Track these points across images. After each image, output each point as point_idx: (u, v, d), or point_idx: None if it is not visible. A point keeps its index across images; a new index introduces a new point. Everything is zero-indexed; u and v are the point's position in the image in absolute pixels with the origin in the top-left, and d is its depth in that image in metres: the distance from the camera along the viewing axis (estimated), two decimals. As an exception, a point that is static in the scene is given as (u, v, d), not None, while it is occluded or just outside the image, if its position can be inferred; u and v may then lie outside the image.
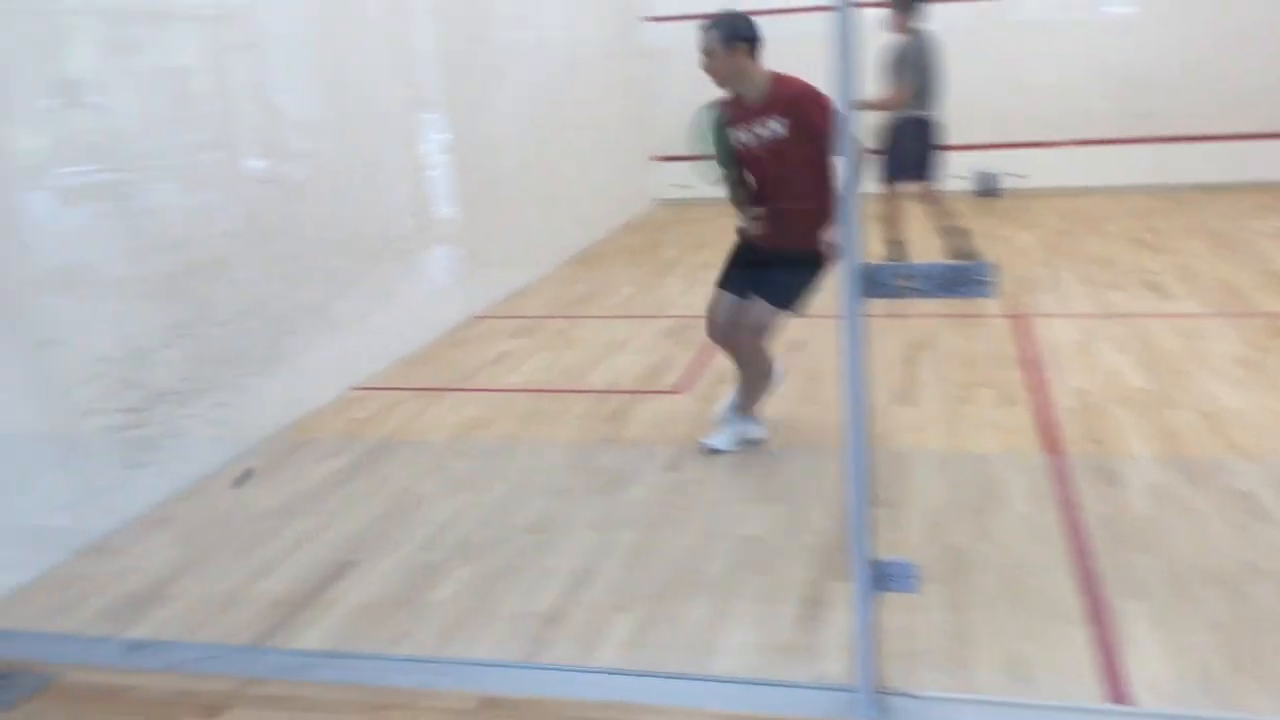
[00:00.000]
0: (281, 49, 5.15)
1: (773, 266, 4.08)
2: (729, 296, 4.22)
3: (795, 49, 4.84)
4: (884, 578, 2.55)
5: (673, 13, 10.81)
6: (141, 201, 4.28)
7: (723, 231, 5.13)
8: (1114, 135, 10.21)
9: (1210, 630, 2.82)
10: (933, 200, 6.99)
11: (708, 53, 3.91)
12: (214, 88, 4.75)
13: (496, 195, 7.36)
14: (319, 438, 4.72)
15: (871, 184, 6.77)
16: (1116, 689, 2.61)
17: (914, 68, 6.68)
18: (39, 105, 3.89)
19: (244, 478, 3.69)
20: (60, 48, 4.04)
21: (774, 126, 3.91)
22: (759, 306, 4.09)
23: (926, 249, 7.10)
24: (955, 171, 10.45)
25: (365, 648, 2.97)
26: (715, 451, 4.26)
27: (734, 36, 3.87)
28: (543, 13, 8.52)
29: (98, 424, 3.78)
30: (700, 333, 5.99)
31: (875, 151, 6.88)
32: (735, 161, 4.06)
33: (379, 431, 4.76)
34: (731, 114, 4.01)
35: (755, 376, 4.28)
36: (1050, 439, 4.23)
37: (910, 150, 6.82)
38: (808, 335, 5.85)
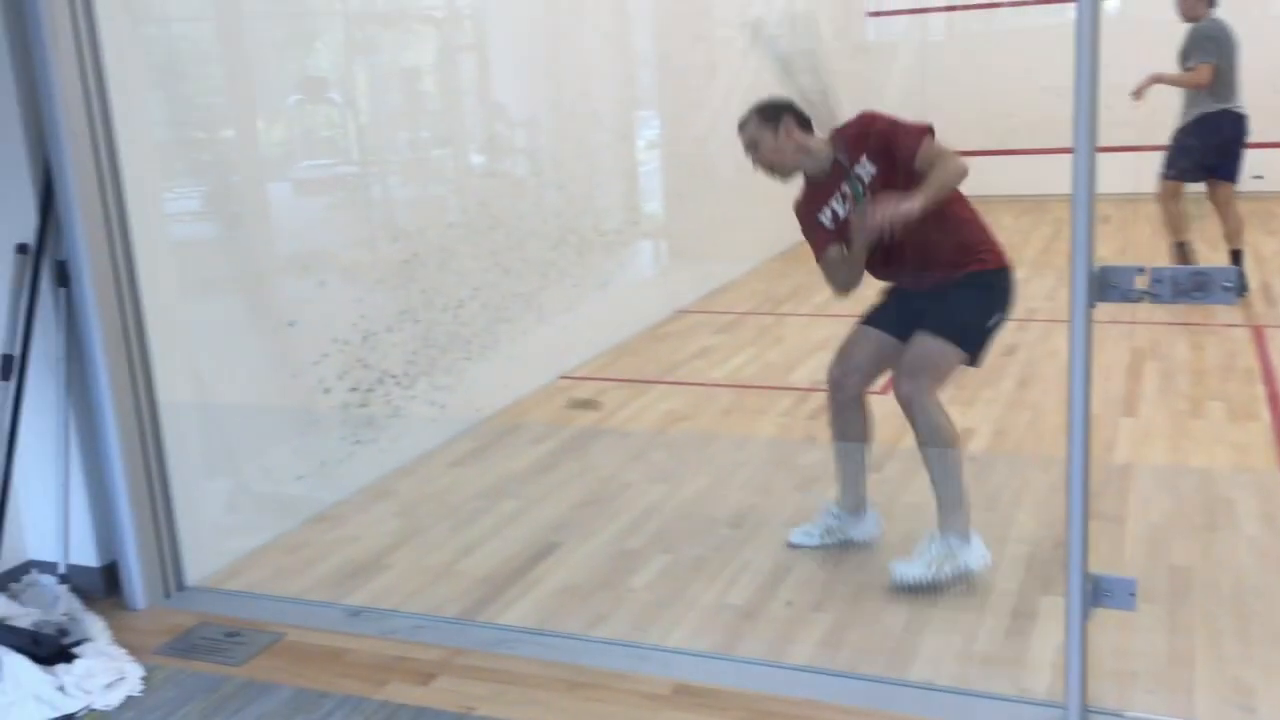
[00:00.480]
0: (505, 49, 5.37)
1: (933, 302, 3.29)
2: (879, 334, 3.42)
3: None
4: (1100, 593, 2.45)
5: (896, 7, 10.63)
6: (374, 193, 4.57)
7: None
8: None
9: None
10: (1227, 202, 6.46)
11: (755, 145, 3.39)
12: (442, 86, 5.01)
13: (704, 191, 7.42)
14: (528, 423, 4.90)
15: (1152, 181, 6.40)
16: (1356, 729, 2.42)
17: (1210, 51, 6.17)
18: (286, 101, 4.21)
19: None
20: (306, 48, 4.35)
21: (861, 174, 3.25)
22: (924, 342, 3.23)
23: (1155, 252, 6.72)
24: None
25: (565, 627, 3.07)
26: (906, 587, 3.15)
27: (776, 114, 3.39)
28: (761, 9, 8.52)
29: (331, 401, 4.05)
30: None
31: (1172, 146, 6.45)
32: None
33: (584, 420, 4.90)
34: (808, 200, 3.42)
35: (942, 459, 3.25)
36: (1289, 458, 3.94)
37: (1214, 146, 6.32)
38: (1020, 339, 5.65)
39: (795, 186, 3.47)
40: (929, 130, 3.24)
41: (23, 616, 3.03)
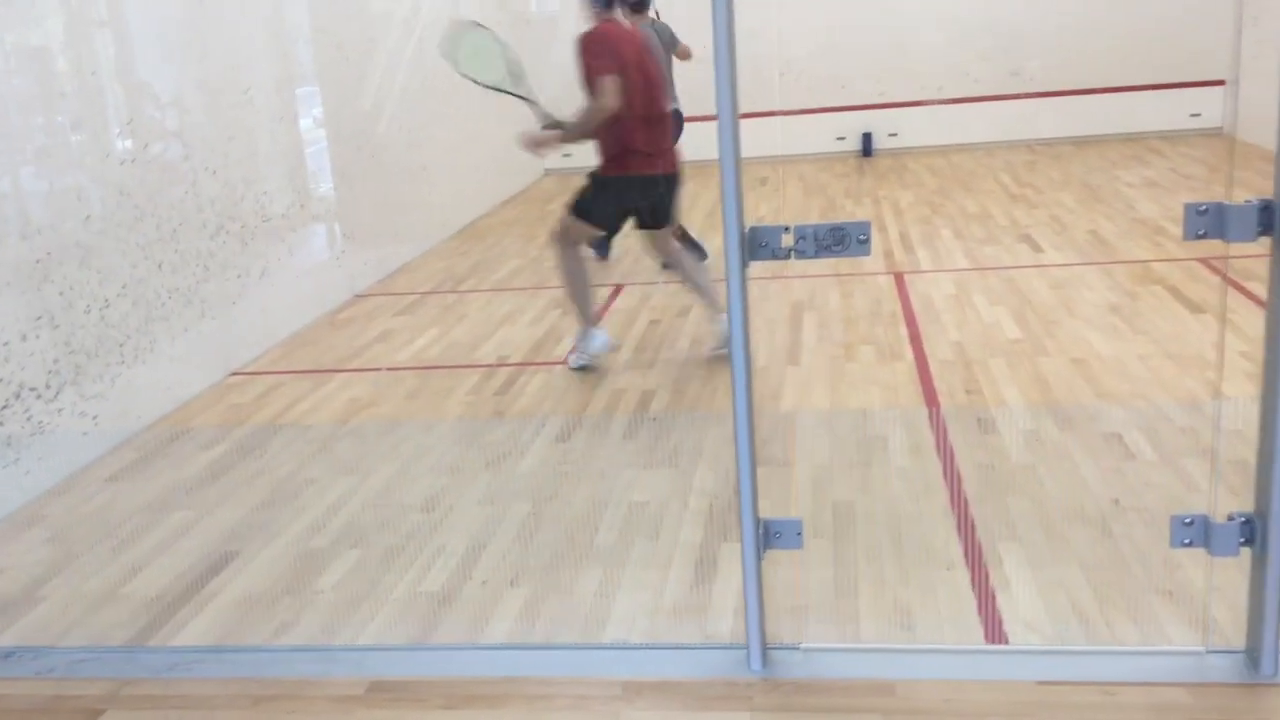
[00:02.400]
0: (145, 24, 4.94)
1: None
2: None
3: None
4: (771, 535, 2.58)
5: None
6: (0, 185, 4.09)
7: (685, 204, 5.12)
8: (986, 92, 10.46)
9: (1080, 568, 2.93)
10: None
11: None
12: (76, 66, 4.53)
13: (377, 170, 7.21)
14: (196, 427, 4.58)
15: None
16: (993, 629, 2.69)
17: None
18: None
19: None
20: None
21: None
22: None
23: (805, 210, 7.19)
24: (835, 132, 10.68)
25: (249, 640, 2.90)
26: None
27: None
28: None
29: (-45, 424, 3.61)
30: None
31: None
32: None
33: (260, 417, 4.64)
34: None
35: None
36: (929, 392, 4.33)
37: None
38: (692, 300, 5.89)
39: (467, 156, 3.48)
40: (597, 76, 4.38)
41: None
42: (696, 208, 8.82)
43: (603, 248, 6.80)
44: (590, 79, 4.39)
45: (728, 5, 2.30)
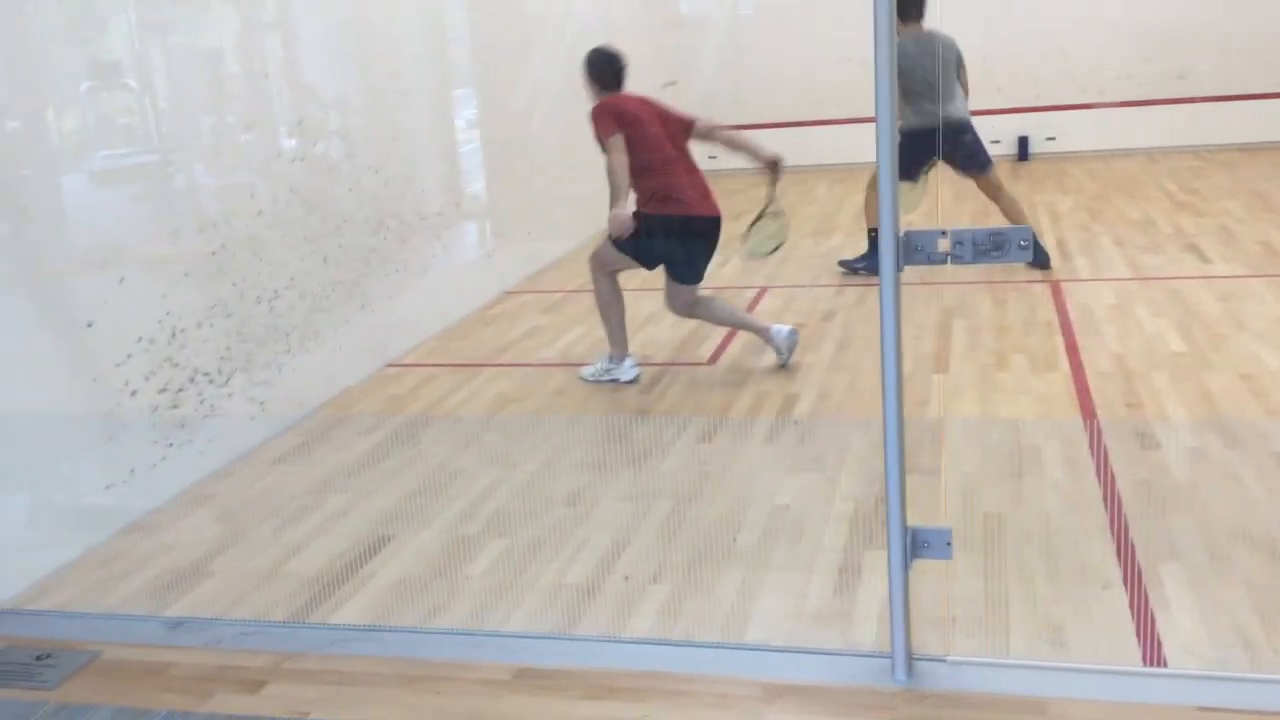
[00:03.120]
0: (312, 26, 5.17)
1: None
2: None
3: None
4: (918, 545, 2.54)
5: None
6: (177, 182, 4.34)
7: (754, 202, 5.13)
8: (1150, 96, 10.04)
9: (1246, 592, 2.80)
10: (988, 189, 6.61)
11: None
12: (246, 68, 4.78)
13: (526, 170, 7.36)
14: (355, 414, 4.77)
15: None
16: (1151, 651, 2.59)
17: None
18: (78, 89, 3.94)
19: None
20: (97, 30, 4.08)
21: None
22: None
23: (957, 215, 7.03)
24: (990, 134, 10.40)
25: (401, 622, 3.00)
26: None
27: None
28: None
29: (139, 404, 3.84)
30: (734, 302, 5.99)
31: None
32: None
33: (414, 407, 4.80)
34: None
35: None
36: (1087, 404, 4.19)
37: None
38: (837, 304, 5.84)
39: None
40: (603, 140, 4.74)
41: None
42: (844, 210, 8.73)
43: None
44: (600, 143, 4.76)
45: (889, 7, 2.28)
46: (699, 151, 5.01)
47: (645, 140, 4.75)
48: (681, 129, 4.90)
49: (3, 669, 2.87)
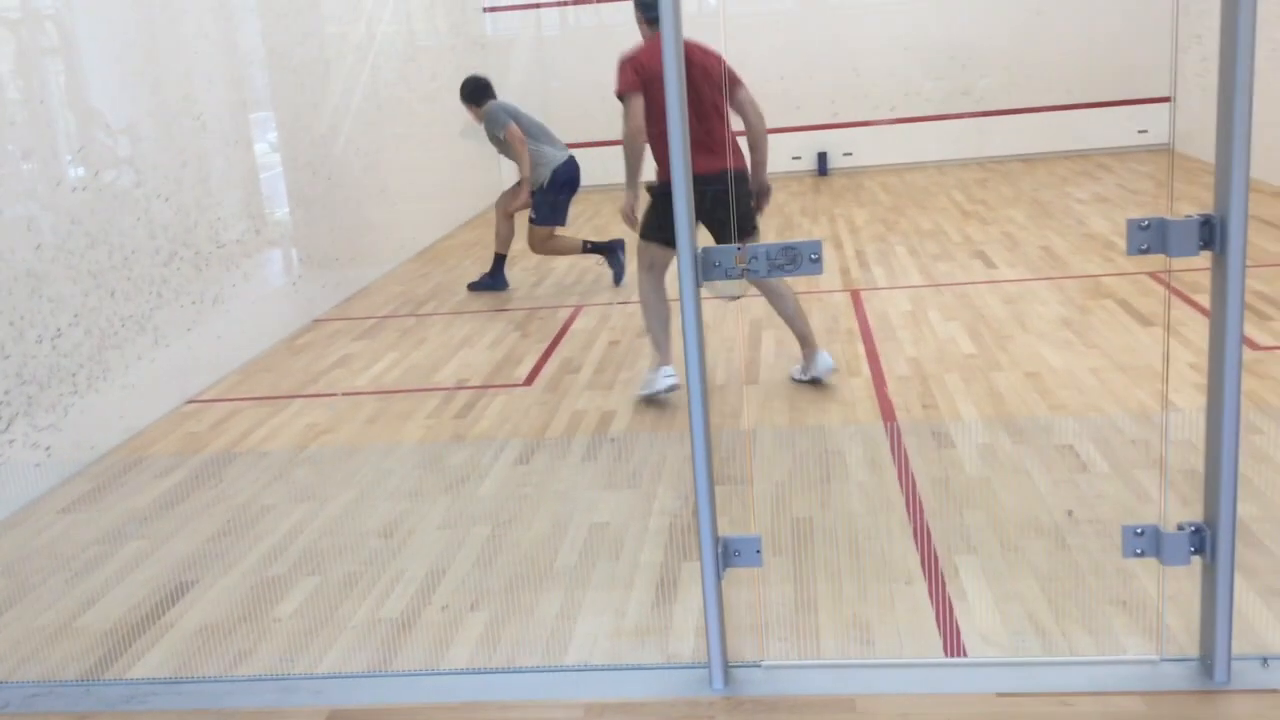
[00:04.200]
0: (96, 51, 4.90)
1: None
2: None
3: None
4: (730, 554, 2.59)
5: (511, 3, 10.76)
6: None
7: (571, 224, 5.14)
8: (938, 111, 10.61)
9: (1036, 579, 2.97)
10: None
11: None
12: (24, 94, 4.49)
13: (334, 194, 7.18)
14: (151, 455, 4.53)
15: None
16: (951, 642, 2.72)
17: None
18: None
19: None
20: None
21: None
22: None
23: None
24: (791, 151, 10.78)
25: (206, 671, 2.86)
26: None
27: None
28: (374, 6, 8.33)
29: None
30: (546, 324, 6.01)
31: None
32: None
33: (216, 444, 4.60)
34: None
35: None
36: (887, 408, 4.37)
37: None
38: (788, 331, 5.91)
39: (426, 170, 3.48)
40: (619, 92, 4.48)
41: None
42: (655, 228, 8.85)
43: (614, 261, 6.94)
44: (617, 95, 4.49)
45: (676, 28, 2.32)
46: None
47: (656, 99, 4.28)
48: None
49: None
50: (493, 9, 10.82)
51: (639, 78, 4.40)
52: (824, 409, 4.43)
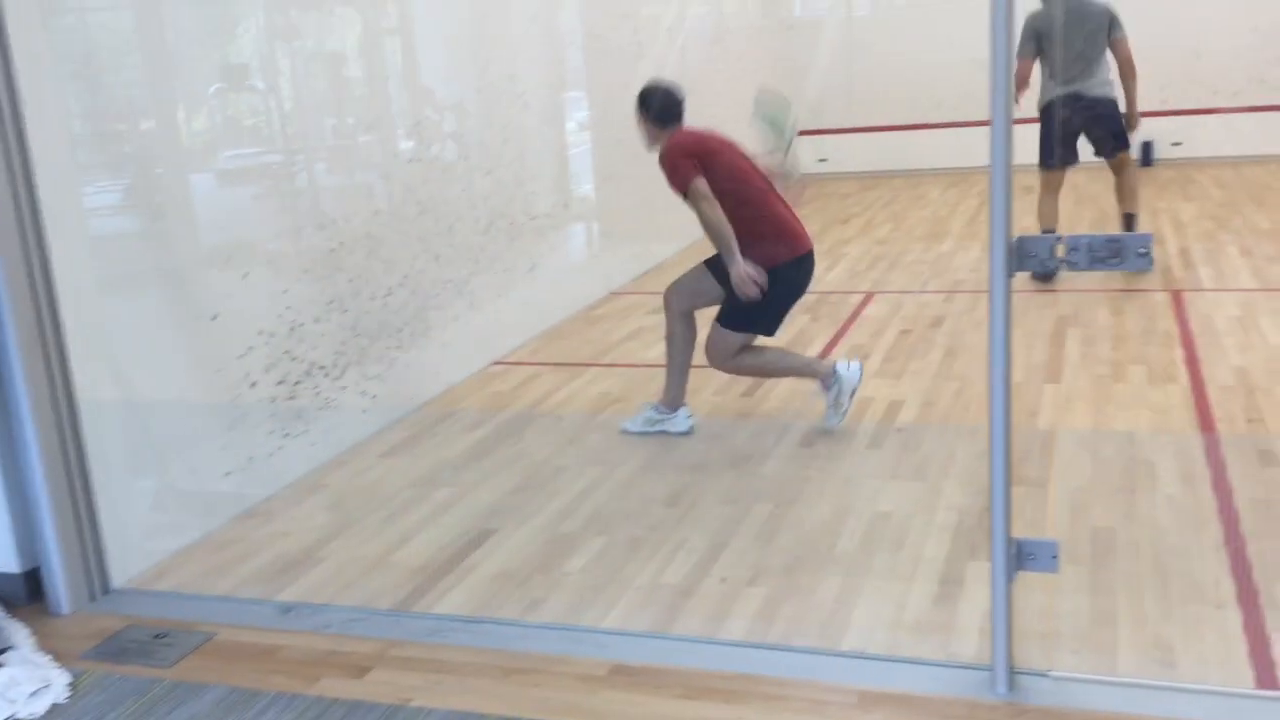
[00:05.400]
0: (430, 31, 5.30)
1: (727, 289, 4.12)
2: (708, 275, 4.30)
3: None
4: (1024, 556, 2.50)
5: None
6: (299, 182, 4.50)
7: (865, 205, 5.07)
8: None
9: (1375, 621, 2.67)
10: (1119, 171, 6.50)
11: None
12: (367, 71, 4.93)
13: (635, 172, 7.39)
14: (461, 410, 4.87)
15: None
16: (1264, 674, 2.50)
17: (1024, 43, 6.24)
18: (208, 90, 4.12)
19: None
20: (227, 34, 4.26)
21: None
22: (713, 328, 4.22)
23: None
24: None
25: (502, 614, 3.06)
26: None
27: (639, 102, 4.25)
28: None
29: (258, 394, 4.00)
30: (837, 307, 5.97)
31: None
32: None
33: (518, 404, 4.88)
34: None
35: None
36: (1205, 418, 4.04)
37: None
38: (946, 311, 5.74)
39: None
40: (685, 187, 4.04)
41: (-58, 626, 2.96)
42: (956, 215, 8.58)
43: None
44: (682, 192, 4.08)
45: (1007, 6, 2.24)
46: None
47: (733, 172, 4.03)
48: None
49: (124, 646, 3.01)
50: (802, -10, 10.79)
51: (694, 162, 3.99)
52: (1134, 415, 4.15)
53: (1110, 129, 6.25)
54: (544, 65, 6.33)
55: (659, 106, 4.19)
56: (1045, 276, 5.79)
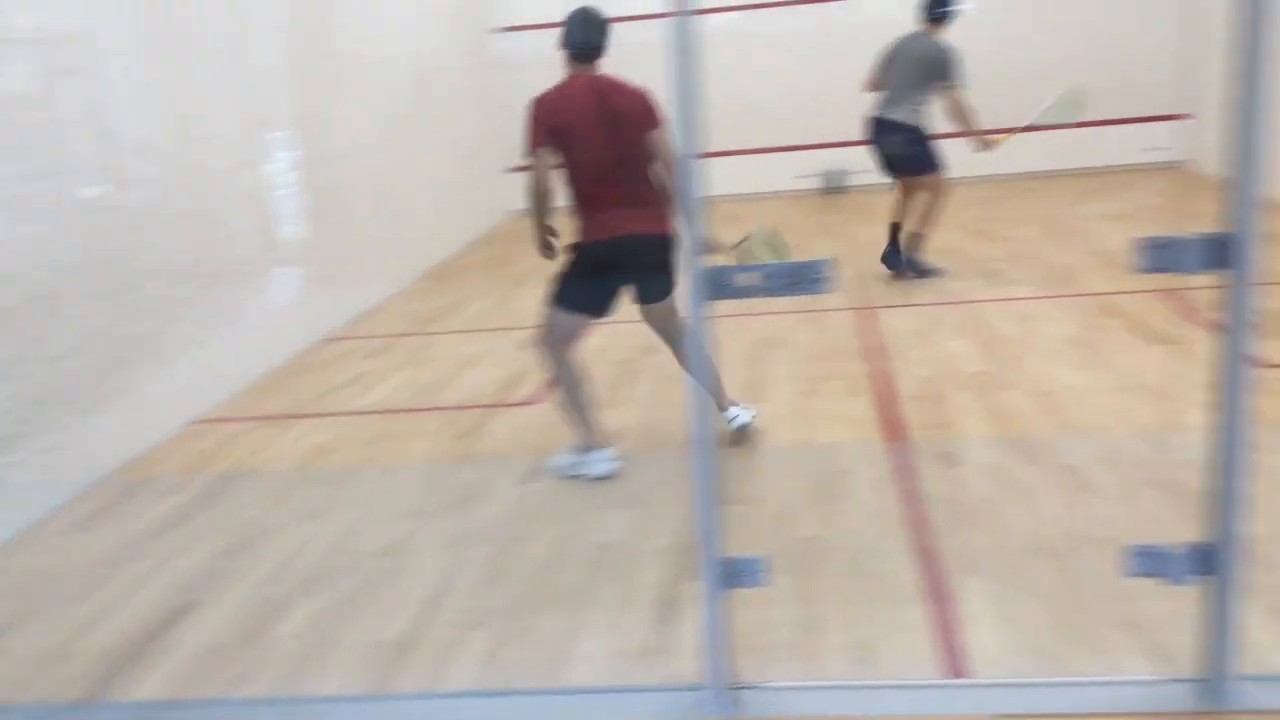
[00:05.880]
0: (115, 71, 4.93)
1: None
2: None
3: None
4: (733, 574, 2.57)
5: (524, 22, 10.81)
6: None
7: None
8: (952, 129, 10.56)
9: (1041, 600, 2.93)
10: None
11: None
12: (44, 115, 4.52)
13: (347, 213, 7.21)
14: (157, 475, 4.53)
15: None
16: (955, 664, 2.68)
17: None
18: None
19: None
20: None
21: None
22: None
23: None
24: (806, 169, 10.78)
25: (207, 692, 2.85)
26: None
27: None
28: (390, 25, 8.39)
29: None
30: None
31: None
32: None
33: (222, 464, 4.60)
34: None
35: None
36: (894, 426, 4.34)
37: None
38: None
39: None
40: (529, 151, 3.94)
41: None
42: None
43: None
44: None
45: (685, 44, 2.31)
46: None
47: (579, 147, 3.88)
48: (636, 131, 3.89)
49: None
50: (508, 28, 10.86)
51: (543, 129, 3.86)
52: (831, 428, 4.40)
53: (901, 153, 6.76)
54: (241, 104, 6.04)
55: (561, 39, 3.98)
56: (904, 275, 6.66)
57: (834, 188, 10.81)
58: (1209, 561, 2.36)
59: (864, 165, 10.55)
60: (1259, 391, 2.36)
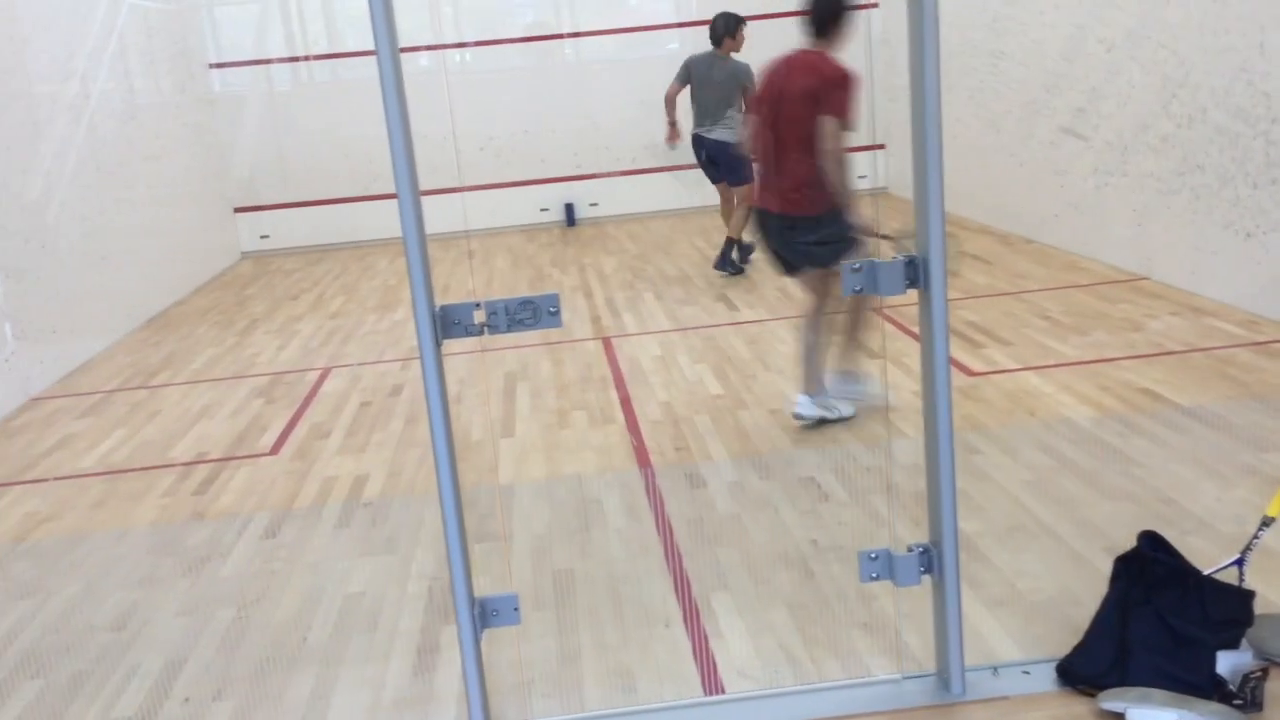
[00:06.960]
0: None
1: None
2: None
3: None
4: (488, 614, 2.55)
5: (237, 58, 10.39)
6: None
7: (314, 280, 4.96)
8: (675, 163, 10.98)
9: (786, 610, 3.07)
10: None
11: None
12: None
13: (49, 262, 6.66)
14: None
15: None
16: (711, 680, 2.77)
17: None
18: None
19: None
20: None
21: None
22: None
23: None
24: (540, 203, 10.90)
25: (-94, 801, 2.55)
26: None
27: None
28: (90, 62, 7.84)
29: None
30: (293, 386, 5.80)
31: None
32: None
33: (-84, 544, 4.14)
34: None
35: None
36: (641, 452, 4.44)
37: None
38: (404, 378, 5.80)
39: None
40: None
41: None
42: (406, 283, 8.71)
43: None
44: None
45: (397, 82, 2.29)
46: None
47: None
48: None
49: None
50: (219, 65, 10.41)
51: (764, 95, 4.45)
52: (580, 458, 4.45)
53: (726, 165, 7.63)
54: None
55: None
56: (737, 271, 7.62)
57: (569, 220, 10.99)
58: (932, 561, 2.55)
59: (597, 198, 10.93)
60: (969, 397, 2.57)
